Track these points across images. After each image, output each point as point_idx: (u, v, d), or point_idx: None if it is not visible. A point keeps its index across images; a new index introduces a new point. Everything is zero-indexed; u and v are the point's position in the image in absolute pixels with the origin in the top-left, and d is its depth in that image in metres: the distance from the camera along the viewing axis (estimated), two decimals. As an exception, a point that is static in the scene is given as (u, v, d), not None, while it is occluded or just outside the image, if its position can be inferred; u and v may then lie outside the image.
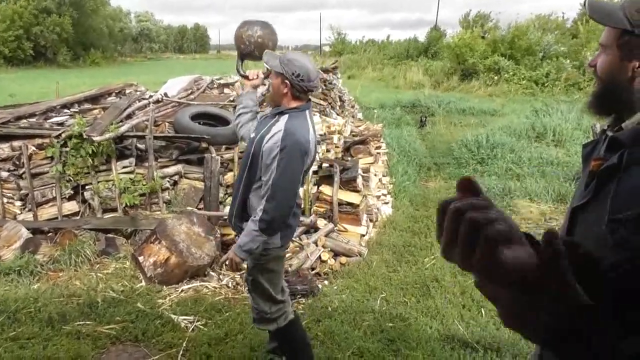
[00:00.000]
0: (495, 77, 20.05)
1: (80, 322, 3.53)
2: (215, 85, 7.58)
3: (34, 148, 4.93)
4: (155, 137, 5.06)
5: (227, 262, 2.67)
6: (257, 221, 2.46)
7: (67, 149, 4.87)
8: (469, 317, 3.64)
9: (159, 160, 5.12)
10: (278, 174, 2.41)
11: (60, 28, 35.58)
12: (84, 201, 5.07)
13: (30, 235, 4.64)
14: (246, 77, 2.92)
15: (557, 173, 7.18)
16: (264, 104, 2.85)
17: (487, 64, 20.66)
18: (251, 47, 2.88)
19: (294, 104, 2.53)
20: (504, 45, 21.26)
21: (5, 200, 5.02)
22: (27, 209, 4.99)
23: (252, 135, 2.61)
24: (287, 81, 2.47)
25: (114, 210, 5.02)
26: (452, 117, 13.16)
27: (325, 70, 9.13)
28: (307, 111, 2.57)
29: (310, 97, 2.64)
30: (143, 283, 4.17)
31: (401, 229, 5.47)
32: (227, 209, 4.95)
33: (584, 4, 1.36)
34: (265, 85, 2.97)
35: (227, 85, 7.65)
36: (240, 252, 2.53)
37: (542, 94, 17.81)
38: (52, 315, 3.57)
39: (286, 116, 2.50)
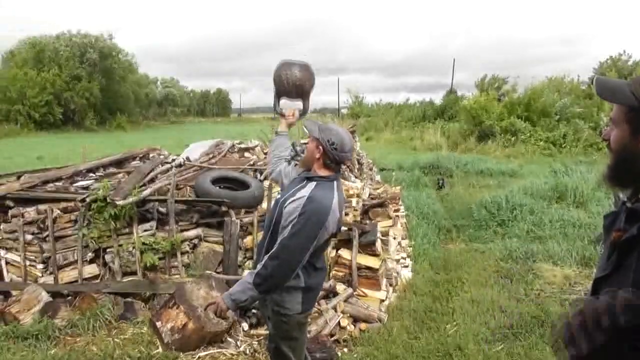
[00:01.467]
0: (512, 139, 20.14)
1: (96, 390, 3.47)
2: (235, 150, 7.75)
3: (58, 211, 5.03)
4: (177, 201, 5.14)
5: (211, 306, 2.53)
6: (254, 274, 2.43)
7: (91, 212, 4.96)
8: (495, 389, 3.49)
9: (180, 223, 5.17)
10: (289, 235, 2.41)
11: (89, 93, 37.20)
12: (105, 264, 5.10)
13: (50, 299, 4.66)
14: (282, 115, 3.00)
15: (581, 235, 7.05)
16: (296, 165, 2.89)
17: (504, 125, 20.82)
18: (289, 88, 2.94)
19: (323, 172, 2.57)
20: (520, 107, 21.49)
21: (27, 262, 5.08)
22: (48, 272, 5.03)
23: (278, 197, 2.64)
24: (321, 147, 2.53)
25: (134, 273, 5.04)
26: (471, 178, 13.14)
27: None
28: (335, 182, 2.60)
29: (340, 168, 2.68)
30: (160, 349, 4.11)
31: (422, 293, 5.35)
32: (245, 273, 4.93)
33: (592, 82, 1.41)
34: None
35: (247, 149, 7.82)
36: (228, 299, 2.44)
37: (560, 155, 17.79)
38: (68, 383, 3.52)
39: (314, 184, 2.53)
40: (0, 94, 33.70)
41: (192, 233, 5.18)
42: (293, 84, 2.91)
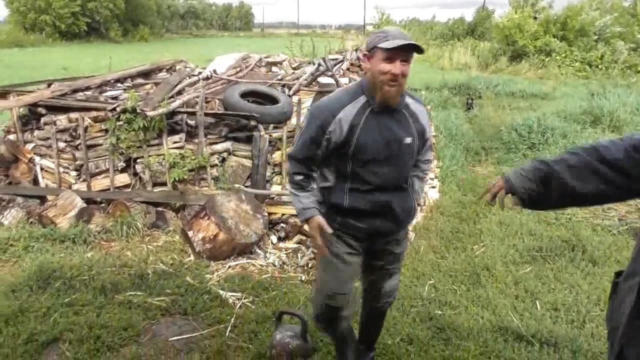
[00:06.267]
0: (546, 59, 19.27)
1: (132, 293, 3.60)
2: (263, 64, 7.54)
3: (89, 120, 5.03)
4: (206, 114, 5.07)
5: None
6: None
7: (121, 122, 4.94)
8: (523, 308, 3.51)
9: (209, 136, 5.14)
10: None
11: (113, 4, 36.58)
12: (135, 174, 5.16)
13: (85, 205, 4.77)
14: None
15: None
16: None
17: (538, 45, 19.86)
18: None
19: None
20: (556, 26, 20.37)
21: (61, 169, 5.16)
22: (81, 179, 5.12)
23: None
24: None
25: (164, 184, 5.09)
26: (501, 100, 12.74)
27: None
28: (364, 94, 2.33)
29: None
30: (192, 257, 4.23)
31: (449, 214, 5.34)
32: (274, 188, 4.96)
33: None
34: None
35: (274, 63, 7.60)
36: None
37: (597, 77, 17.04)
38: (105, 284, 3.66)
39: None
40: (29, 2, 33.49)
41: (220, 147, 5.16)
42: None
